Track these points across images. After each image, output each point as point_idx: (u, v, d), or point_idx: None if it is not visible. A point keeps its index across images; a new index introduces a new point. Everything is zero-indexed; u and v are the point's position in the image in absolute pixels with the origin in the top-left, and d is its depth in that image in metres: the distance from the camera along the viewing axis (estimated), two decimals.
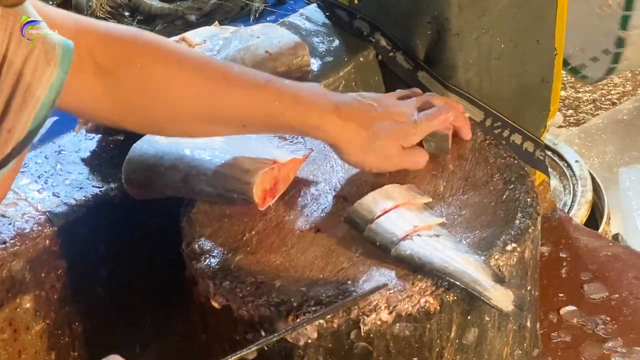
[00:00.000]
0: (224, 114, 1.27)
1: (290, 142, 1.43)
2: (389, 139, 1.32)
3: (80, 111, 1.26)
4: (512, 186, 1.33)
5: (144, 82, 1.20)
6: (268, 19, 1.95)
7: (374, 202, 1.27)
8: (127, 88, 1.18)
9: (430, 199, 1.30)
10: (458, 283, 1.15)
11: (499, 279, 1.17)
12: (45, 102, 0.92)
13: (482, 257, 1.18)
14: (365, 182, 1.36)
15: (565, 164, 2.51)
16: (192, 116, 1.27)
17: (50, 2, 1.96)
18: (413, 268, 1.17)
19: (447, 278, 1.16)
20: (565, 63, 2.68)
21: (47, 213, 1.39)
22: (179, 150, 1.34)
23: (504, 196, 1.32)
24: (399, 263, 1.19)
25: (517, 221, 1.25)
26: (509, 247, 1.22)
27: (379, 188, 1.30)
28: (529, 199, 1.31)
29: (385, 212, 1.25)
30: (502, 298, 1.16)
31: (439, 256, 1.17)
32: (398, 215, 1.25)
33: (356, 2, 1.80)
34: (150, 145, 1.36)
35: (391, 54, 1.77)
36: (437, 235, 1.22)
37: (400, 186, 1.31)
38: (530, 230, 1.25)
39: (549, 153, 2.42)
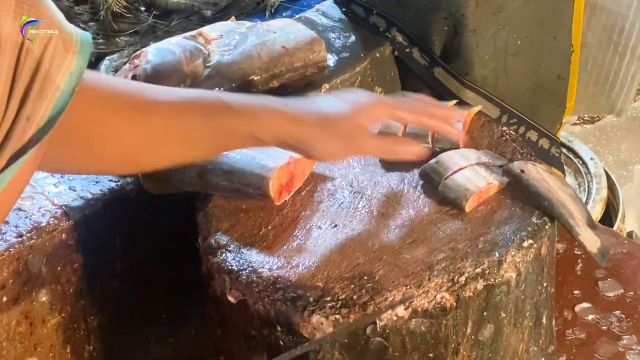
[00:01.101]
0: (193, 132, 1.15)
1: None
2: (347, 118, 1.19)
3: None
4: None
5: (79, 123, 1.05)
6: (284, 14, 1.95)
7: (450, 160, 1.31)
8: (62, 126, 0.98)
9: (507, 161, 1.34)
10: (555, 213, 1.26)
11: (592, 225, 1.28)
12: (65, 89, 0.91)
13: (583, 201, 1.27)
14: (382, 178, 1.36)
15: (580, 161, 2.50)
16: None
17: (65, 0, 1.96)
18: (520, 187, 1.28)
19: (546, 204, 1.26)
20: None
21: (63, 207, 1.39)
22: None
23: None
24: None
25: (534, 218, 1.25)
26: (525, 244, 1.21)
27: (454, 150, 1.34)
28: None
29: (460, 169, 1.30)
30: (589, 240, 1.28)
31: (545, 186, 1.27)
32: (473, 172, 1.30)
33: None
34: None
35: (407, 49, 1.77)
36: None
37: (475, 150, 1.36)
38: (547, 227, 1.25)
39: (564, 150, 2.41)
